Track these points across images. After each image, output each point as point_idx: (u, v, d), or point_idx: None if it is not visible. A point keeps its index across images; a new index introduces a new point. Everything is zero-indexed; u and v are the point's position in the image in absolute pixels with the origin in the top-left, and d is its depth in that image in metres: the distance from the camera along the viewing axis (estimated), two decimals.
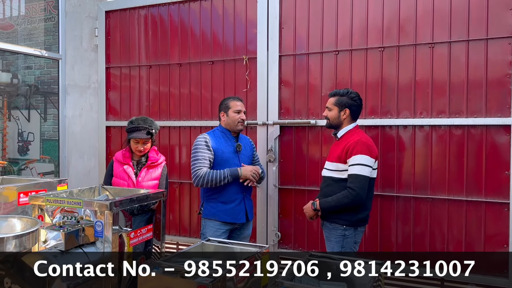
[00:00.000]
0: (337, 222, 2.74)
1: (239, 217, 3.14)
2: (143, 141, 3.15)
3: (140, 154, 3.19)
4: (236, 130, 3.18)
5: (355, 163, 2.66)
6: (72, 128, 4.62)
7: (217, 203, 3.11)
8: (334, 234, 2.75)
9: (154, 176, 3.20)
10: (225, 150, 3.12)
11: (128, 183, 3.07)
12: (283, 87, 3.70)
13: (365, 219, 2.81)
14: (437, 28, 3.20)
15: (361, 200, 2.66)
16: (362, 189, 2.64)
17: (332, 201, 2.72)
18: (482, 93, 3.09)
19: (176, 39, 4.14)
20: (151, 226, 2.23)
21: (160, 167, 3.26)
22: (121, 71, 4.44)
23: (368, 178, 2.67)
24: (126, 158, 3.19)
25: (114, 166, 3.20)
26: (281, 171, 3.71)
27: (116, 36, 4.45)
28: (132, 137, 3.14)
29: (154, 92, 4.28)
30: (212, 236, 3.02)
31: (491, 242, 3.08)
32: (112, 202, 1.99)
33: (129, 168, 3.15)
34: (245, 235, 3.27)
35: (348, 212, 2.70)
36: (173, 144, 4.19)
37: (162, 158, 3.31)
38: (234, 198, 3.11)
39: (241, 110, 3.17)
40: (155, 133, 3.22)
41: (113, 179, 3.16)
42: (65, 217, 2.11)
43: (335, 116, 2.85)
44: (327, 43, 3.54)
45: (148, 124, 3.18)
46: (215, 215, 3.11)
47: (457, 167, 3.16)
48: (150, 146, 3.22)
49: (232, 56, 3.90)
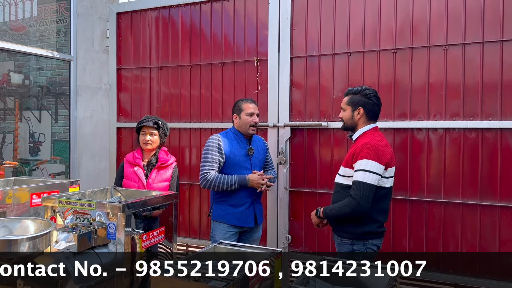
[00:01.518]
0: (343, 236, 2.54)
1: (248, 221, 3.12)
2: (150, 132, 3.18)
3: (148, 148, 3.20)
4: (248, 134, 3.16)
5: (359, 168, 2.42)
6: (83, 129, 4.63)
7: (227, 206, 3.09)
8: (343, 250, 2.53)
9: (165, 177, 3.20)
10: (236, 153, 3.10)
11: (139, 184, 3.08)
12: (294, 89, 3.68)
13: (376, 232, 2.51)
14: (451, 30, 3.16)
15: (363, 211, 2.40)
16: (364, 199, 2.37)
17: (333, 210, 2.55)
18: (497, 95, 3.04)
19: (187, 41, 4.14)
20: (163, 228, 2.22)
21: (171, 168, 3.26)
22: (132, 72, 4.45)
23: (373, 186, 2.39)
24: (136, 159, 3.20)
25: (125, 167, 3.22)
26: (291, 173, 3.68)
27: (127, 38, 4.46)
28: (140, 126, 3.21)
29: (165, 93, 4.28)
30: (221, 238, 3.02)
31: (506, 247, 3.03)
32: (125, 204, 1.98)
33: (140, 169, 3.16)
34: (254, 238, 3.25)
35: (351, 224, 2.48)
36: (184, 146, 4.19)
37: (173, 159, 3.31)
38: (243, 202, 3.09)
39: (254, 112, 3.14)
40: (164, 131, 3.26)
41: (123, 181, 3.16)
42: (78, 219, 2.11)
43: (348, 116, 2.62)
44: (339, 44, 3.51)
45: (156, 118, 3.28)
46: (224, 218, 3.10)
47: (471, 171, 3.11)
48: (158, 141, 3.24)
49: (243, 58, 3.88)
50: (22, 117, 5.68)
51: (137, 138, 3.29)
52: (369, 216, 2.47)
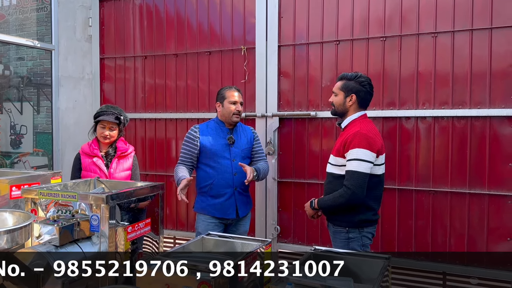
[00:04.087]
0: (339, 225, 2.52)
1: (228, 213, 3.02)
2: (109, 126, 3.07)
3: (106, 142, 3.10)
4: (231, 122, 3.06)
5: (352, 158, 2.40)
6: (66, 121, 4.51)
7: (207, 196, 3.02)
8: (338, 238, 2.54)
9: (126, 166, 3.12)
10: (214, 143, 3.01)
11: (100, 175, 2.97)
12: (282, 78, 3.62)
13: (371, 220, 2.52)
14: (440, 17, 3.13)
15: (359, 200, 2.40)
16: (359, 187, 2.37)
17: (328, 200, 2.51)
18: (486, 83, 3.03)
19: (172, 29, 4.05)
20: (149, 220, 2.16)
21: (131, 157, 3.19)
22: (115, 62, 4.34)
23: (367, 175, 2.39)
24: (94, 150, 3.09)
25: (82, 159, 3.09)
26: (280, 164, 3.63)
27: (110, 26, 4.34)
28: (99, 120, 3.07)
29: (150, 83, 4.19)
30: (204, 230, 2.95)
31: (494, 235, 3.03)
32: (108, 195, 1.91)
33: (99, 160, 3.05)
34: (241, 231, 3.14)
35: (348, 213, 2.47)
36: (170, 137, 4.11)
37: (132, 148, 3.24)
38: (223, 193, 3.00)
39: (237, 101, 3.04)
40: (124, 122, 3.16)
41: (82, 173, 3.05)
42: (60, 211, 2.03)
43: (340, 102, 2.58)
44: (327, 32, 3.46)
45: (118, 111, 3.15)
46: (204, 209, 3.03)
47: (460, 159, 3.10)
48: (117, 135, 3.14)
49: (229, 47, 3.81)
50: (2, 109, 5.52)
51: (94, 128, 3.16)
52: (364, 204, 2.46)
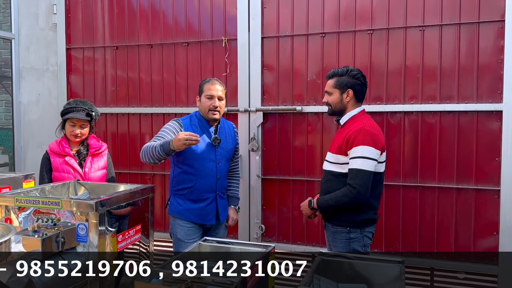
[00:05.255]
0: (340, 224, 2.41)
1: (208, 219, 2.77)
2: (80, 124, 2.83)
3: (76, 141, 2.86)
4: (209, 119, 2.78)
5: (356, 155, 2.30)
6: (29, 116, 4.18)
7: (185, 200, 2.74)
8: (338, 239, 2.42)
9: (101, 165, 2.90)
10: (199, 144, 2.63)
11: (75, 176, 2.73)
12: (266, 71, 3.48)
13: (372, 219, 2.45)
14: (428, 11, 3.09)
15: (364, 199, 2.30)
16: (364, 187, 2.27)
17: (330, 200, 2.38)
18: (473, 78, 3.01)
19: (145, 17, 3.80)
20: (139, 226, 1.97)
21: (105, 154, 2.97)
22: (83, 52, 4.05)
23: (371, 173, 2.30)
24: (65, 149, 2.84)
25: (52, 159, 2.83)
26: (264, 160, 3.50)
27: (77, 14, 4.03)
28: (68, 117, 2.82)
29: (122, 75, 3.93)
30: (184, 236, 2.72)
31: (481, 230, 3.04)
32: (98, 202, 1.71)
33: (72, 159, 2.80)
34: (221, 234, 2.91)
35: (350, 212, 2.37)
36: (145, 132, 3.88)
37: (105, 146, 3.02)
38: (204, 197, 2.74)
39: (214, 95, 2.73)
40: (95, 118, 2.91)
41: (53, 174, 2.79)
42: (40, 220, 1.81)
43: (337, 100, 2.47)
44: (312, 24, 3.34)
45: (88, 106, 2.90)
46: (180, 213, 2.75)
47: (448, 154, 3.09)
48: (88, 133, 2.90)
49: (209, 37, 3.62)
50: None
51: (62, 124, 2.91)
52: (367, 203, 2.37)
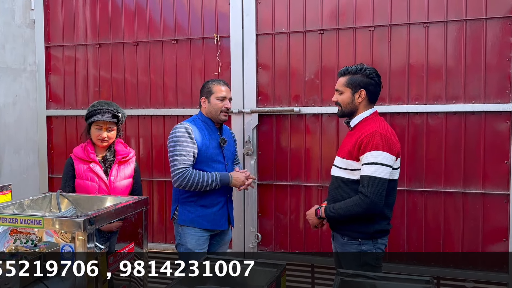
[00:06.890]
0: (350, 235, 2.22)
1: (221, 223, 2.71)
2: (107, 127, 2.64)
3: (103, 145, 2.67)
4: (219, 121, 2.72)
5: (369, 161, 2.11)
6: (5, 119, 3.90)
7: (196, 207, 2.64)
8: (349, 251, 2.22)
9: (128, 173, 2.71)
10: (209, 145, 2.65)
11: (99, 184, 2.56)
12: (260, 71, 3.28)
13: (386, 230, 2.26)
14: (432, 6, 2.93)
15: (377, 209, 2.12)
16: (378, 196, 2.09)
17: (340, 209, 2.19)
18: (480, 77, 2.87)
19: (131, 13, 3.57)
20: (132, 245, 1.75)
21: (132, 162, 2.78)
22: (64, 51, 3.79)
23: (386, 181, 2.11)
24: (90, 154, 2.64)
25: (75, 165, 2.63)
26: (259, 165, 3.30)
27: (57, 10, 3.77)
28: (94, 120, 2.62)
29: (106, 75, 3.69)
30: (194, 246, 2.60)
31: (490, 236, 2.90)
32: (86, 220, 1.49)
33: (97, 166, 2.61)
34: (225, 241, 2.86)
35: (362, 223, 2.18)
36: (130, 135, 3.64)
37: (133, 152, 2.83)
38: (217, 202, 2.66)
39: (226, 97, 2.71)
40: (122, 119, 2.72)
41: (76, 181, 2.60)
42: (18, 240, 1.57)
43: (348, 100, 2.29)
44: (310, 20, 3.16)
45: (114, 107, 2.70)
46: (193, 221, 2.63)
47: (454, 157, 2.94)
48: (115, 136, 2.71)
49: (200, 35, 3.40)
50: None
51: (87, 129, 2.70)
52: (380, 213, 2.18)
